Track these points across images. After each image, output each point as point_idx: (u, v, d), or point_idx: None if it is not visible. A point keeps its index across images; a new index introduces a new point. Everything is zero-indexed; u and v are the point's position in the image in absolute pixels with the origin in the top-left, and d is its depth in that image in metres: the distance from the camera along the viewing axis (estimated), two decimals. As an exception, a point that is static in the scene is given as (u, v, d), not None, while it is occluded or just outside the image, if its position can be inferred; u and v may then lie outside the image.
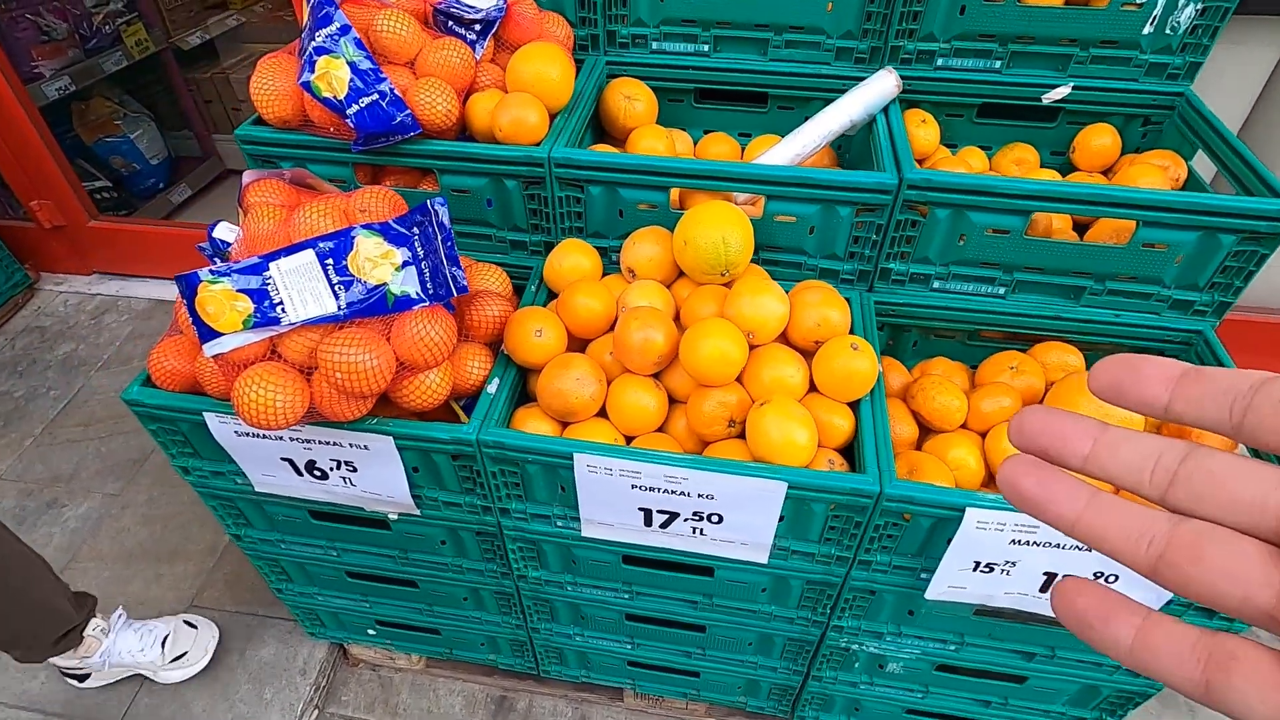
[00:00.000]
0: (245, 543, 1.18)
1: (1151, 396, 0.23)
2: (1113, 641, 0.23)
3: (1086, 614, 0.24)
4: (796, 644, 1.11)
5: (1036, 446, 0.25)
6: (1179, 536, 0.22)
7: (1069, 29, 1.12)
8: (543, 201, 1.07)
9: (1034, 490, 0.24)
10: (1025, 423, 0.25)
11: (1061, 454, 0.24)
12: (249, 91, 1.04)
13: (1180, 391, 0.23)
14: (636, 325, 0.90)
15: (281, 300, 0.81)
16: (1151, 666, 0.22)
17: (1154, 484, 0.23)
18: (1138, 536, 0.22)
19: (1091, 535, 0.23)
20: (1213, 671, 0.21)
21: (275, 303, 0.81)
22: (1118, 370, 0.24)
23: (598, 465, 0.86)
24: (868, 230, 1.01)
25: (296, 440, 0.92)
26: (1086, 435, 0.24)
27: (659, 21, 1.24)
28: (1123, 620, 0.23)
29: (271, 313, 0.80)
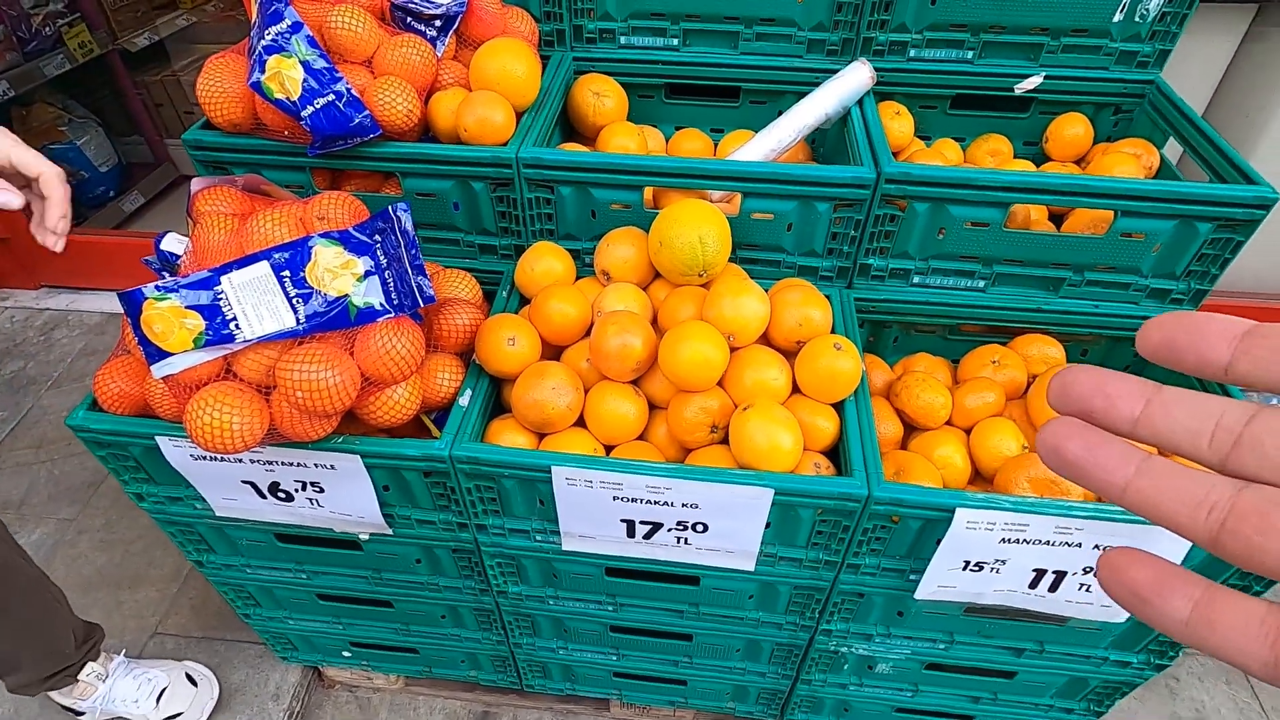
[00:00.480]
0: (208, 569, 1.12)
1: (1212, 356, 0.21)
2: (1169, 616, 0.21)
3: (1140, 587, 0.22)
4: (785, 649, 1.09)
5: (1081, 409, 0.23)
6: (1244, 503, 0.20)
7: (1040, 17, 1.11)
8: (512, 204, 1.03)
9: (1080, 455, 0.22)
10: (1071, 383, 0.23)
11: (1109, 416, 0.22)
12: (195, 94, 0.99)
13: (1245, 349, 0.21)
14: (614, 330, 0.86)
15: (235, 316, 0.76)
16: (1211, 642, 0.21)
17: (1215, 447, 0.21)
18: (1196, 504, 0.20)
19: (1143, 502, 0.22)
20: None
21: (228, 319, 0.76)
22: (1172, 328, 0.22)
23: (577, 478, 0.83)
24: (846, 226, 0.99)
25: (258, 462, 0.87)
26: (1138, 395, 0.22)
27: (627, 15, 1.20)
28: (1179, 592, 0.21)
29: (225, 330, 0.75)
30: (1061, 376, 0.23)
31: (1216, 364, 0.21)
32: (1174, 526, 0.21)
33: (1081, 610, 0.86)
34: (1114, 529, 0.77)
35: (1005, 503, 0.77)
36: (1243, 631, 0.20)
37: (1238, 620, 0.20)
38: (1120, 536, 0.78)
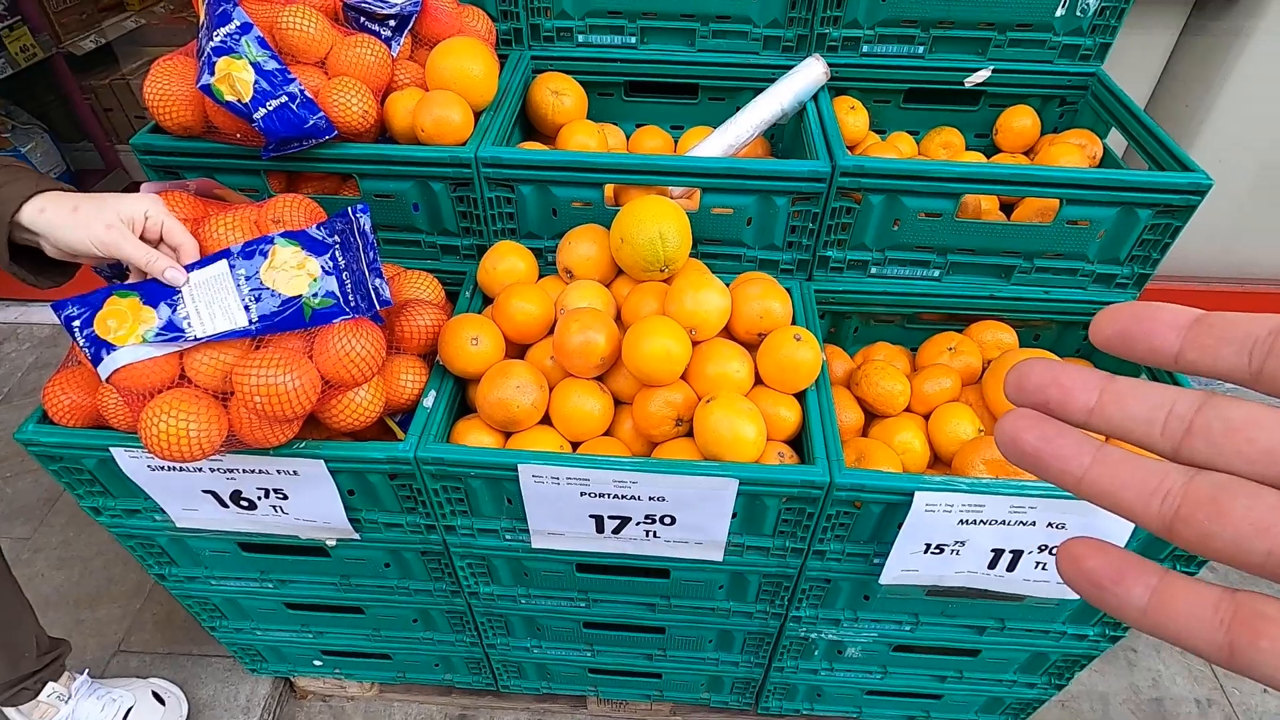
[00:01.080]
0: (171, 582, 1.10)
1: (1162, 345, 0.22)
2: (1127, 603, 0.22)
3: (1097, 575, 0.22)
4: (757, 637, 1.11)
5: (1037, 400, 0.23)
6: (1196, 490, 0.20)
7: (986, 13, 1.14)
8: (472, 203, 1.03)
9: (1036, 445, 0.23)
10: (1026, 376, 0.24)
11: (1065, 407, 0.23)
12: (143, 97, 0.96)
13: (1193, 339, 0.22)
14: (577, 327, 0.87)
15: (188, 314, 0.75)
16: (1168, 629, 0.21)
17: (1166, 436, 0.21)
18: (1150, 492, 0.21)
19: (1099, 492, 0.22)
20: (1238, 633, 0.20)
21: (182, 316, 0.75)
22: (1124, 320, 0.23)
23: (544, 475, 0.83)
24: (804, 219, 1.01)
25: (218, 471, 0.86)
26: (1093, 386, 0.23)
27: (584, 14, 1.21)
28: (1136, 580, 0.22)
29: (177, 327, 0.74)
30: (1018, 369, 0.24)
31: (1166, 353, 0.22)
32: (1129, 515, 0.22)
33: (1039, 588, 0.89)
34: (1065, 506, 0.80)
35: (962, 484, 0.79)
36: (1197, 618, 0.20)
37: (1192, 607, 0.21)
38: (1071, 514, 0.80)
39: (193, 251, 0.77)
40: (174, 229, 0.77)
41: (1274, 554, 0.19)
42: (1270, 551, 0.19)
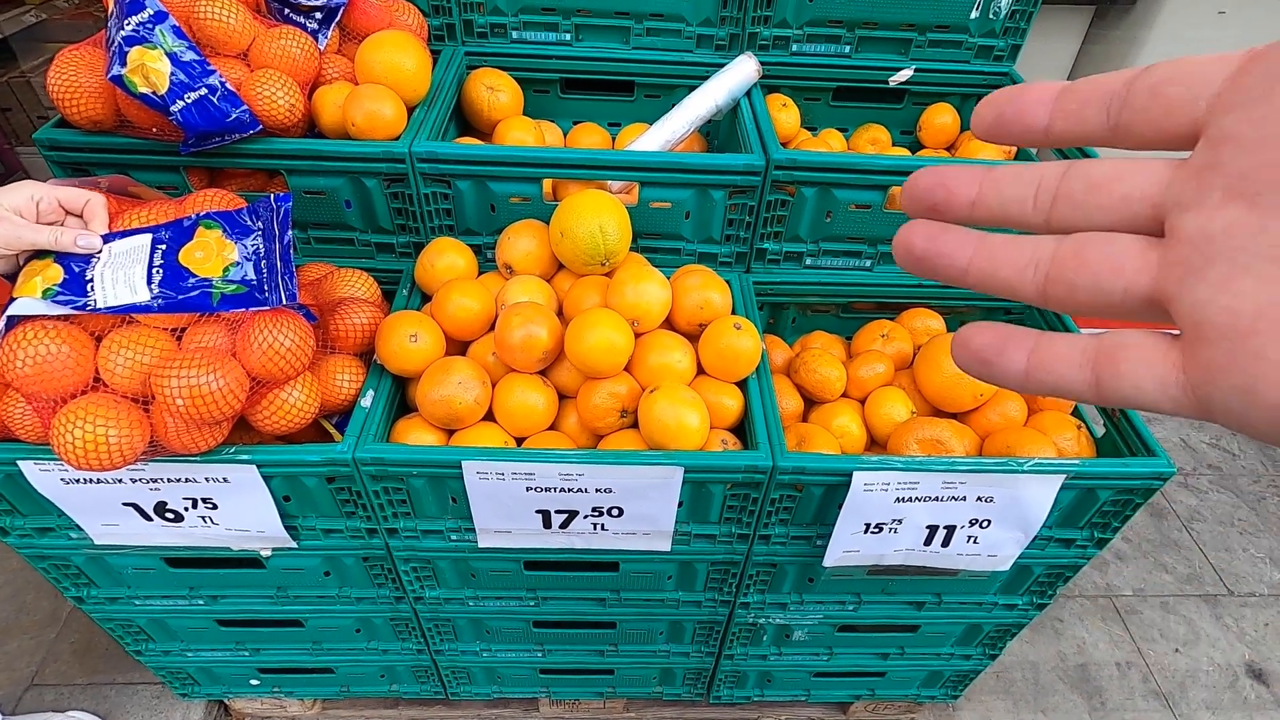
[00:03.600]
0: (90, 604, 1.03)
1: (1032, 121, 0.22)
2: (1009, 370, 0.23)
3: (983, 351, 0.23)
4: (706, 626, 1.12)
5: (927, 206, 0.24)
6: (1062, 251, 0.21)
7: (907, 14, 1.19)
8: (408, 200, 1.01)
9: (924, 246, 0.23)
10: (914, 183, 0.24)
11: (950, 204, 0.24)
12: (48, 89, 0.91)
13: (1059, 108, 0.22)
14: (518, 322, 0.86)
15: (93, 279, 0.71)
16: (1048, 383, 0.22)
17: (1038, 208, 0.22)
18: (1025, 264, 0.22)
19: (983, 278, 0.23)
20: (1101, 366, 0.21)
21: (87, 279, 0.71)
22: (999, 104, 0.23)
23: (488, 471, 0.82)
24: (741, 212, 1.03)
25: (140, 481, 0.82)
26: (973, 180, 0.23)
27: (517, 10, 1.20)
28: (1017, 346, 0.23)
29: (80, 291, 0.71)
30: (910, 181, 0.25)
31: (1037, 129, 0.22)
32: (1010, 292, 0.22)
33: (971, 562, 0.93)
34: (990, 479, 0.84)
35: (897, 463, 0.82)
36: (1066, 362, 0.21)
37: (1062, 353, 0.22)
38: (997, 486, 0.84)
39: (100, 208, 0.75)
40: (69, 196, 0.74)
41: (1130, 290, 0.20)
42: (1126, 289, 0.20)
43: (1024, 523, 0.88)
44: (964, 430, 0.93)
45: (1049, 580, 1.02)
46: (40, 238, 0.71)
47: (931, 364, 0.97)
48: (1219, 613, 1.62)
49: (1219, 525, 1.80)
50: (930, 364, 0.97)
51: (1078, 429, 0.94)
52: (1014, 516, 0.87)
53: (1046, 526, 0.90)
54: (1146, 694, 1.47)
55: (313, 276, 0.99)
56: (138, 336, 0.73)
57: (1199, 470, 1.93)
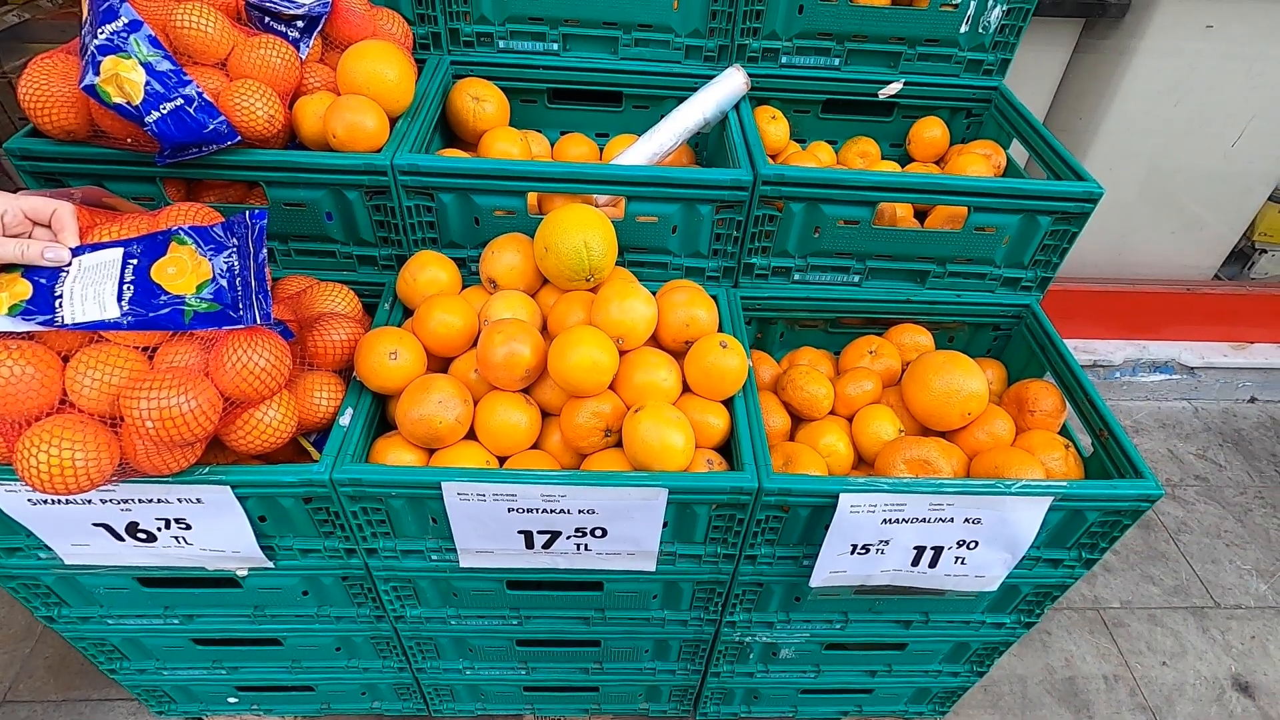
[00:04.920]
0: (62, 624, 1.01)
1: None
2: None
3: None
4: (692, 644, 1.11)
5: None
6: None
7: (897, 28, 1.18)
8: (390, 212, 0.99)
9: None
10: None
11: None
12: (18, 98, 0.89)
13: None
14: (500, 339, 0.85)
15: (62, 294, 0.69)
16: None
17: None
18: None
19: None
20: None
21: (56, 294, 0.69)
22: None
23: (469, 492, 0.80)
24: (728, 227, 1.02)
25: (111, 502, 0.79)
26: None
27: (504, 19, 1.19)
28: None
29: (48, 307, 0.69)
30: None
31: None
32: None
33: (959, 582, 0.92)
34: (980, 502, 0.83)
35: (884, 484, 0.81)
36: None
37: None
38: (986, 509, 0.84)
39: (69, 218, 0.73)
40: (35, 206, 0.72)
41: None
42: None
43: (1012, 544, 0.87)
44: (952, 449, 0.92)
45: (1036, 599, 1.01)
46: (5, 251, 0.69)
47: (919, 382, 0.96)
48: (1206, 625, 1.62)
49: (1206, 537, 1.80)
50: (918, 382, 0.96)
51: (1066, 448, 0.93)
52: (1002, 538, 0.86)
53: (1034, 547, 0.89)
54: (1134, 708, 1.47)
55: (292, 290, 0.97)
56: (107, 355, 0.71)
57: (1185, 481, 1.94)
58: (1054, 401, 0.97)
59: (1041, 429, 0.97)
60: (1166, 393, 2.17)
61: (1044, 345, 1.06)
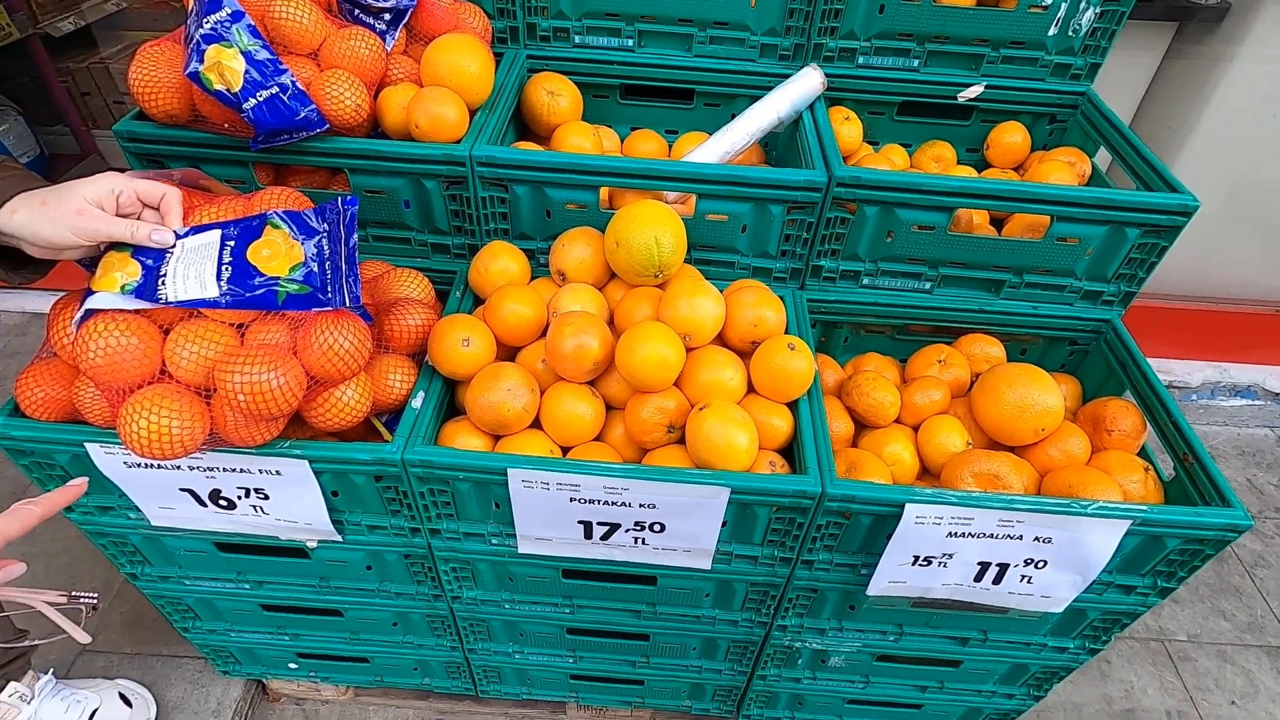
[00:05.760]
0: (143, 581, 1.07)
1: None
2: None
3: None
4: (741, 645, 1.11)
5: None
6: None
7: (981, 29, 1.15)
8: (465, 202, 1.01)
9: None
10: None
11: None
12: (128, 83, 0.94)
13: None
14: (570, 331, 0.86)
15: (166, 274, 0.73)
16: None
17: None
18: None
19: None
20: None
21: (161, 274, 0.73)
22: None
23: (534, 480, 0.82)
24: (799, 228, 1.01)
25: (197, 469, 0.84)
26: None
27: (581, 15, 1.20)
28: None
29: (152, 285, 0.73)
30: None
31: None
32: None
33: (1023, 601, 0.90)
34: (1051, 521, 0.80)
35: (952, 497, 0.80)
36: None
37: None
38: (1057, 528, 0.81)
39: (175, 202, 0.77)
40: (147, 189, 0.76)
41: None
42: None
43: (1083, 566, 0.84)
44: (1022, 465, 0.90)
45: (1104, 626, 0.98)
46: (117, 230, 0.73)
47: (990, 394, 0.94)
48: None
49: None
50: (989, 394, 0.94)
51: (1145, 471, 0.89)
52: (1073, 559, 0.83)
53: (1106, 571, 0.86)
54: (1198, 746, 1.41)
55: (369, 275, 1.00)
56: (203, 331, 0.74)
57: (1265, 514, 1.84)
58: (1134, 421, 0.93)
59: (1119, 449, 0.93)
60: (1247, 419, 2.06)
61: (1124, 363, 1.02)
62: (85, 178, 0.74)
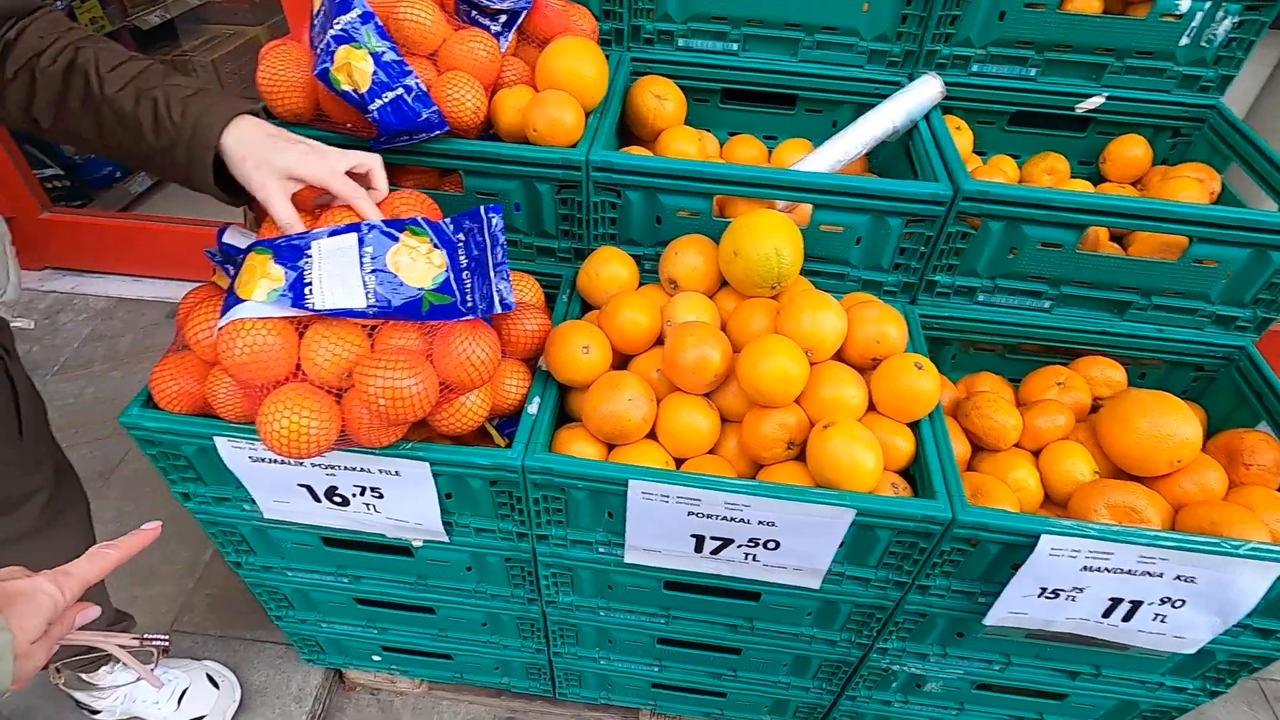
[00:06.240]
0: (245, 570, 1.09)
1: None
2: None
3: None
4: (834, 664, 1.08)
5: None
6: None
7: (1106, 38, 1.11)
8: (576, 207, 1.01)
9: None
10: None
11: None
12: (256, 82, 0.95)
13: None
14: (692, 343, 0.84)
15: (311, 282, 0.73)
16: None
17: None
18: None
19: None
20: None
21: (305, 282, 0.73)
22: None
23: (654, 492, 0.81)
24: (916, 242, 0.98)
25: (319, 466, 0.85)
26: None
27: (687, 18, 1.18)
28: None
29: (300, 292, 0.73)
30: None
31: None
32: None
33: (1153, 640, 0.86)
34: (1195, 559, 0.76)
35: (1092, 530, 0.76)
36: None
37: None
38: (1200, 568, 0.77)
39: (378, 169, 0.81)
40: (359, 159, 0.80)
41: None
42: None
43: (1225, 609, 0.80)
44: (1156, 498, 0.86)
45: (1231, 669, 0.93)
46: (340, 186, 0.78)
47: (1122, 421, 0.90)
48: (1388, 713, 1.46)
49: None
50: (1120, 421, 0.90)
51: (1289, 509, 0.85)
52: (1216, 601, 0.79)
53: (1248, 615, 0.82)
54: (1299, 793, 1.34)
55: (480, 277, 1.00)
56: (338, 333, 0.75)
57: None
58: (1275, 456, 0.89)
59: (1258, 485, 0.88)
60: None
61: (1260, 392, 0.97)
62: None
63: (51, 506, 1.01)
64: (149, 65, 0.76)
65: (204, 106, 0.74)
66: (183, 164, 0.75)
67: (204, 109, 0.74)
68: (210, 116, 0.74)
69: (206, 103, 0.74)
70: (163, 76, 0.75)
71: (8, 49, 0.71)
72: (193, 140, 0.73)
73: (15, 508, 0.96)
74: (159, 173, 0.79)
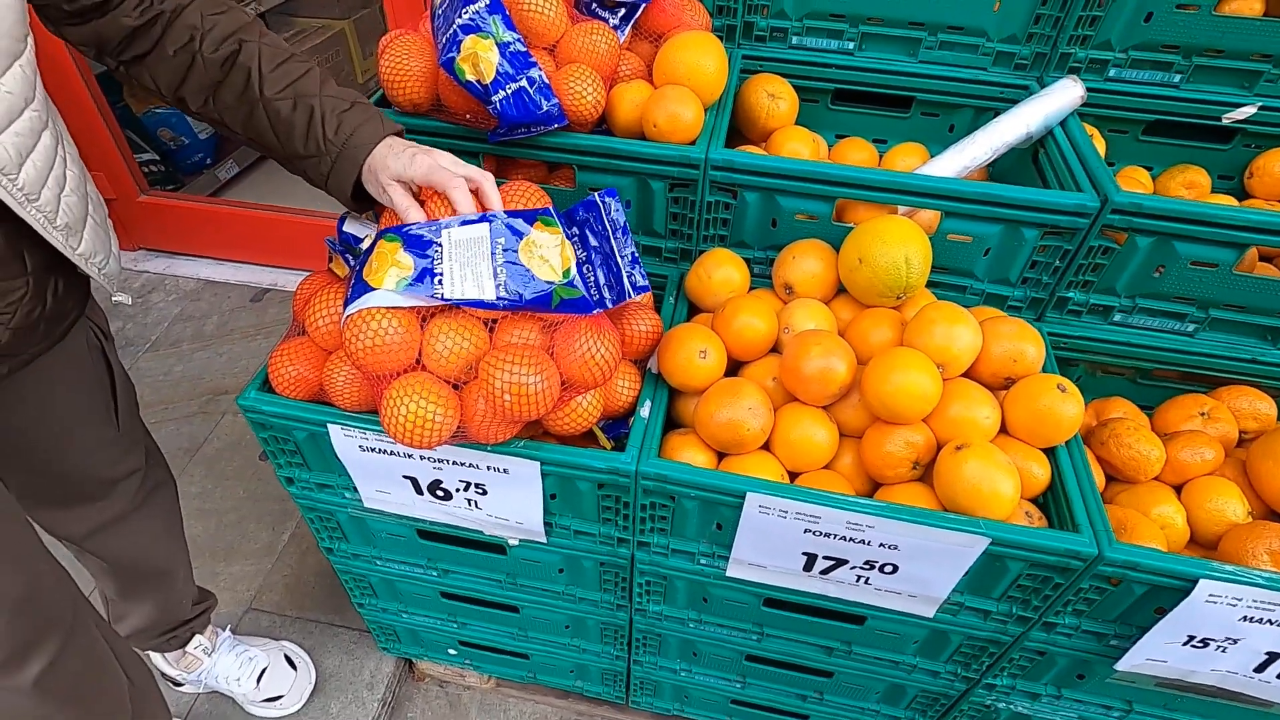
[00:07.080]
0: (336, 556, 1.09)
1: None
2: None
3: None
4: (932, 696, 1.03)
5: None
6: None
7: (1265, 43, 1.02)
8: (689, 206, 0.98)
9: None
10: None
11: None
12: (379, 71, 0.95)
13: None
14: (818, 353, 0.81)
15: (442, 272, 0.72)
16: None
17: None
18: None
19: None
20: None
21: (436, 273, 0.72)
22: None
23: (771, 506, 0.77)
24: (1051, 255, 0.92)
25: (428, 459, 0.84)
26: None
27: (803, 15, 1.14)
28: None
29: (429, 282, 0.71)
30: None
31: None
32: None
33: (1313, 699, 0.78)
34: (1377, 617, 0.69)
35: (1259, 578, 0.70)
36: None
37: None
38: (1381, 626, 0.70)
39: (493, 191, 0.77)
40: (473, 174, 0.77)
41: None
42: None
43: (1407, 674, 0.72)
44: (1321, 546, 0.78)
45: (1393, 737, 0.85)
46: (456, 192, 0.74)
47: (1278, 459, 0.82)
48: None
49: None
50: (1276, 457, 0.82)
51: None
52: (1396, 665, 0.72)
53: None
54: None
55: (589, 274, 0.98)
56: (459, 325, 0.73)
57: None
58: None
59: None
60: None
61: None
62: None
63: (143, 488, 1.03)
64: (309, 70, 0.77)
65: (356, 124, 0.75)
66: (324, 173, 0.76)
67: (356, 127, 0.75)
68: (361, 137, 0.75)
69: (359, 120, 0.75)
70: (320, 84, 0.76)
71: (167, 25, 0.71)
72: (341, 156, 0.75)
73: (113, 489, 0.98)
74: (293, 170, 0.79)
